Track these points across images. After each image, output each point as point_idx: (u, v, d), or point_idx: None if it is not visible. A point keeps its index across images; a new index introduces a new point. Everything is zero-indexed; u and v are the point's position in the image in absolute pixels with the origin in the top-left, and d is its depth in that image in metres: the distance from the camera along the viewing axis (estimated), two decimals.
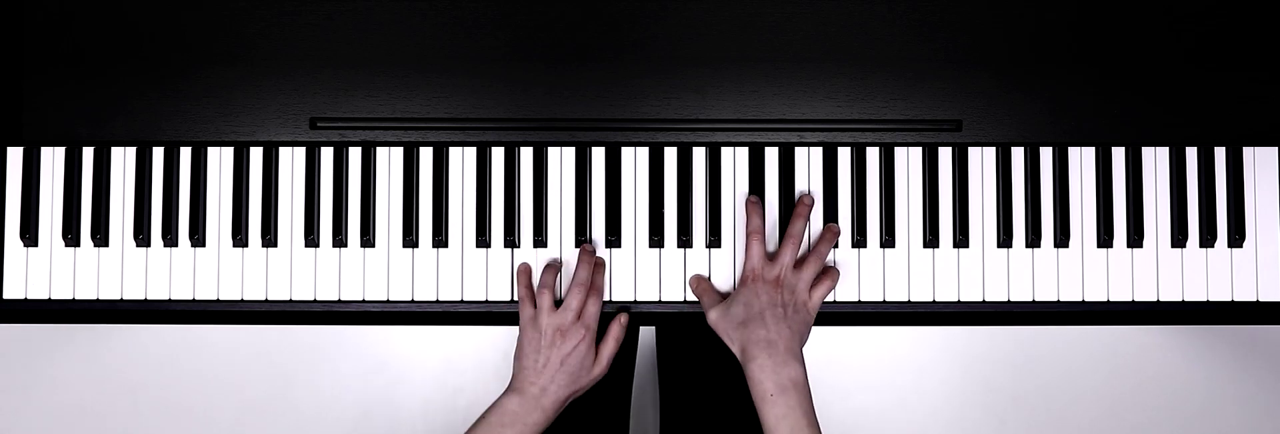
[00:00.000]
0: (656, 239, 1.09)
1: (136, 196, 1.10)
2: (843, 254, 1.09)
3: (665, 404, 1.33)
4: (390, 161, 1.10)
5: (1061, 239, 1.09)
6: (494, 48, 1.09)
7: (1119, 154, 1.10)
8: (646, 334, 1.62)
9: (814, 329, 1.06)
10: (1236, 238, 1.09)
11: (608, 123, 1.10)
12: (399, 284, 1.09)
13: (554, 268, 1.08)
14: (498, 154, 1.10)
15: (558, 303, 1.07)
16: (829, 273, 1.05)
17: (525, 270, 1.08)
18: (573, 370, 1.02)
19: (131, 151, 1.10)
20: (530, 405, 1.01)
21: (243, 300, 1.09)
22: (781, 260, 1.03)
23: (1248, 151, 1.10)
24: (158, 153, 1.10)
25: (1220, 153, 1.10)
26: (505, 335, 1.76)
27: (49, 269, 1.10)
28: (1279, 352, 1.74)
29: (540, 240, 1.09)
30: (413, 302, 1.09)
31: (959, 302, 1.09)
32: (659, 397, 1.36)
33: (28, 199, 1.10)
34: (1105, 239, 1.09)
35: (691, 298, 1.09)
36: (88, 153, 1.10)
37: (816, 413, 0.99)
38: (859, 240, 1.09)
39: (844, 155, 1.10)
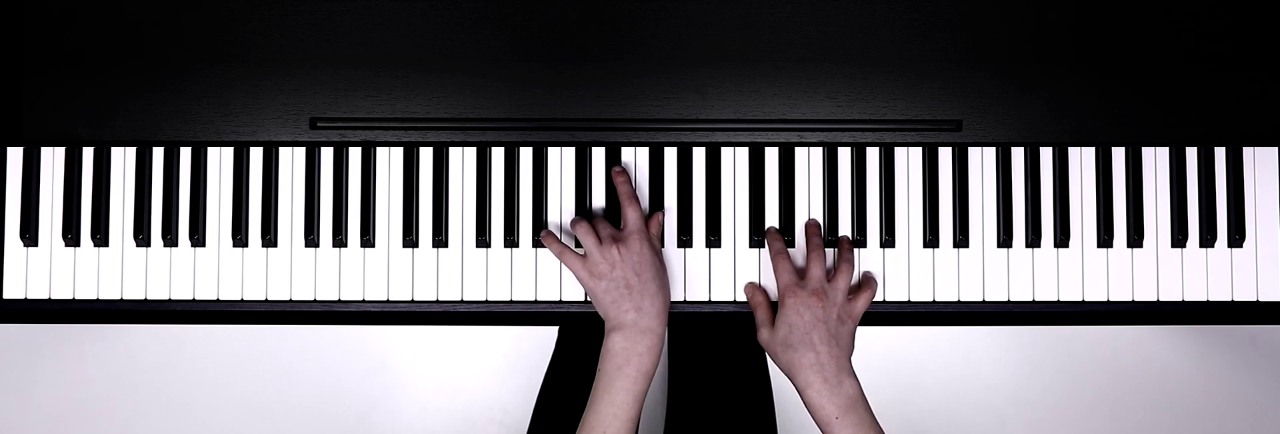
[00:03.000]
0: None
1: (136, 197, 1.10)
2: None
3: (672, 403, 1.33)
4: (390, 161, 1.10)
5: (1061, 239, 1.09)
6: (494, 48, 1.09)
7: (1119, 154, 1.10)
8: None
9: None
10: (1236, 238, 1.09)
11: (608, 123, 1.10)
12: (399, 284, 1.09)
13: (582, 217, 1.07)
14: (498, 154, 1.10)
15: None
16: (867, 282, 1.05)
17: (549, 233, 1.06)
18: (654, 275, 1.00)
19: (131, 151, 1.10)
20: (635, 333, 0.98)
21: (243, 300, 1.09)
22: (813, 272, 1.02)
23: (1248, 151, 1.10)
24: (158, 153, 1.10)
25: (1220, 153, 1.10)
26: (505, 336, 1.76)
27: (49, 269, 1.10)
28: (1279, 352, 1.74)
29: (540, 240, 1.09)
30: (413, 302, 1.09)
31: (959, 302, 1.09)
32: (666, 394, 1.36)
33: (28, 199, 1.10)
34: (1105, 239, 1.09)
35: (693, 297, 1.09)
36: (88, 153, 1.10)
37: (805, 423, 0.99)
38: (859, 240, 1.09)
39: (844, 155, 1.10)
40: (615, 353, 0.97)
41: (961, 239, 1.09)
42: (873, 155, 1.10)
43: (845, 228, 1.09)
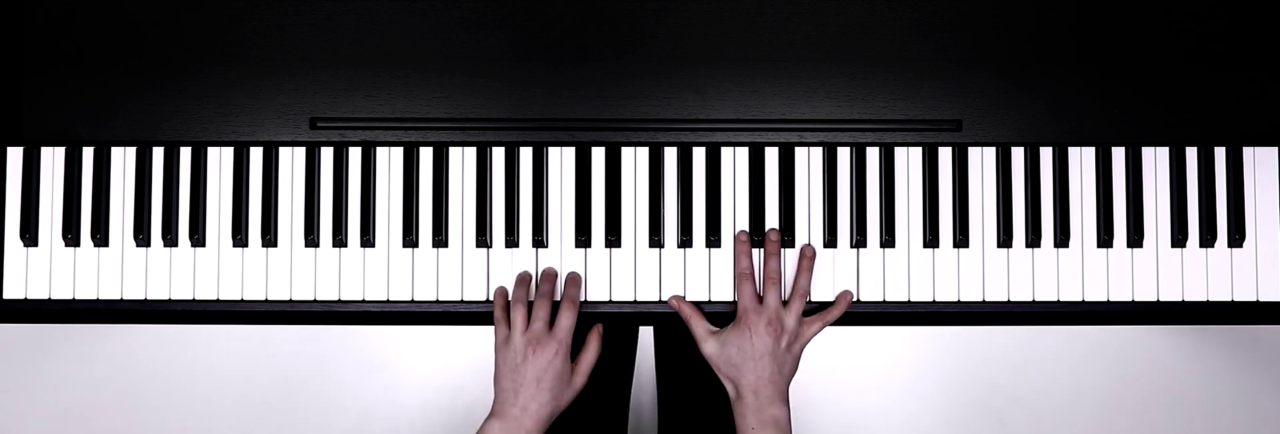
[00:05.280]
0: (656, 239, 1.09)
1: (136, 197, 1.10)
2: (842, 254, 1.09)
3: (663, 404, 1.33)
4: (390, 161, 1.10)
5: (1061, 239, 1.09)
6: (494, 48, 1.09)
7: (1119, 154, 1.10)
8: (645, 334, 1.62)
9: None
10: (1236, 238, 1.09)
11: (608, 123, 1.10)
12: (399, 284, 1.09)
13: (525, 284, 1.07)
14: (498, 154, 1.10)
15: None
16: (830, 309, 1.06)
17: (502, 293, 1.07)
18: (551, 386, 1.01)
19: (131, 151, 1.10)
20: (511, 428, 1.00)
21: (243, 300, 1.09)
22: (769, 302, 1.03)
23: (1248, 151, 1.10)
24: (158, 153, 1.10)
25: (1220, 153, 1.10)
26: None
27: (49, 269, 1.10)
28: (1279, 352, 1.74)
29: (540, 240, 1.09)
30: (413, 302, 1.09)
31: (959, 302, 1.09)
32: (657, 396, 1.36)
33: (28, 199, 1.10)
34: (1105, 239, 1.09)
35: (692, 297, 1.09)
36: (88, 153, 1.10)
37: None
38: (859, 240, 1.09)
39: (844, 155, 1.10)
40: None
41: (961, 239, 1.09)
42: (873, 155, 1.10)
43: (845, 228, 1.09)
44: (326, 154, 1.10)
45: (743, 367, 1.01)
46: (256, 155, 1.10)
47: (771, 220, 1.09)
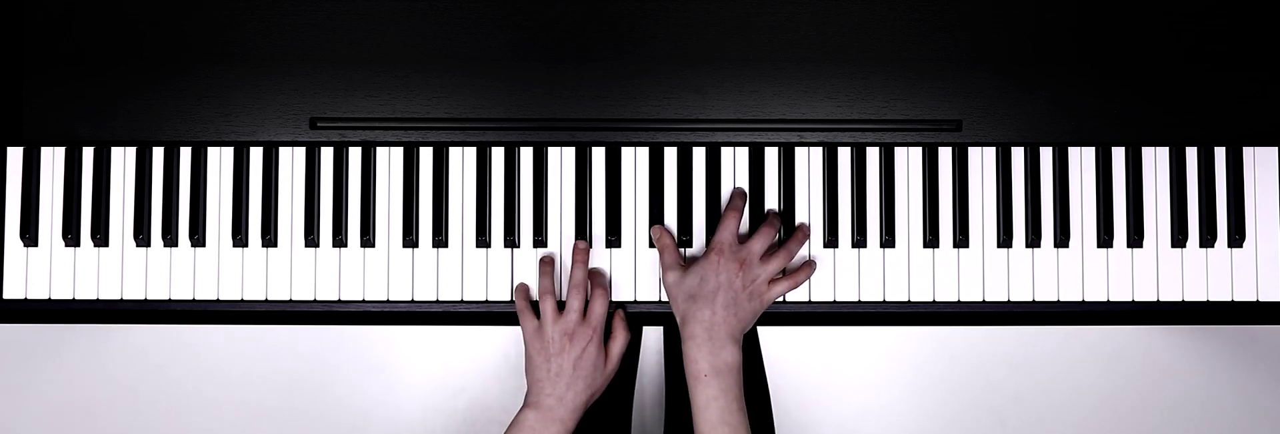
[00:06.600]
0: None
1: (136, 197, 1.10)
2: (843, 254, 1.09)
3: (670, 403, 1.33)
4: (390, 161, 1.10)
5: (1061, 239, 1.09)
6: (494, 48, 1.09)
7: (1119, 154, 1.10)
8: (651, 333, 1.62)
9: (811, 328, 1.06)
10: (1236, 238, 1.09)
11: (608, 123, 1.10)
12: (399, 284, 1.09)
13: (549, 274, 1.07)
14: (498, 154, 1.10)
15: (561, 305, 1.06)
16: (797, 273, 1.05)
17: (522, 288, 1.08)
18: (587, 374, 1.02)
19: (131, 151, 1.10)
20: (547, 418, 1.00)
21: (243, 300, 1.09)
22: (751, 246, 1.03)
23: (1248, 151, 1.10)
24: (158, 153, 1.10)
25: (1220, 153, 1.10)
26: (505, 336, 1.76)
27: (49, 269, 1.10)
28: (1279, 352, 1.74)
29: (540, 240, 1.09)
30: (413, 302, 1.09)
31: (959, 302, 1.09)
32: (665, 395, 1.36)
33: (28, 199, 1.10)
34: (1105, 239, 1.09)
35: None
36: (88, 153, 1.10)
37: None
38: (859, 240, 1.09)
39: (844, 155, 1.10)
40: (523, 428, 1.01)
41: (961, 239, 1.09)
42: (873, 155, 1.10)
43: (845, 228, 1.09)
44: (326, 154, 1.10)
45: (700, 299, 1.00)
46: (256, 155, 1.10)
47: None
